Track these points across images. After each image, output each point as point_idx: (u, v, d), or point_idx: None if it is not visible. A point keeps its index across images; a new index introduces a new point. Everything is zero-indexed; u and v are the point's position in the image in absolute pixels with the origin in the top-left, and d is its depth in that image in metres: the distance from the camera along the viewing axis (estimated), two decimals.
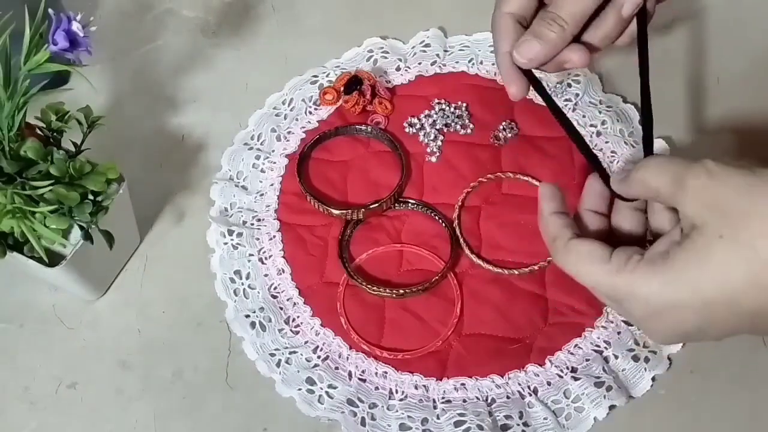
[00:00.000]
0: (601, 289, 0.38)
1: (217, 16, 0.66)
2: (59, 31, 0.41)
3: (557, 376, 0.47)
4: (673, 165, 0.36)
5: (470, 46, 0.62)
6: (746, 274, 0.33)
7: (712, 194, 0.34)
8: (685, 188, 0.35)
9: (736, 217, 0.33)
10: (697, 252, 0.34)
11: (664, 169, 0.36)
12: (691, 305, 0.34)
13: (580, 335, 0.49)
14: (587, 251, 0.38)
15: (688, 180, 0.35)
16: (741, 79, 0.61)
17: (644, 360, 0.47)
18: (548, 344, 0.48)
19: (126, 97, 0.61)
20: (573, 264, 0.39)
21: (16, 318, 0.51)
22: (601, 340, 0.48)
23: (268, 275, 0.51)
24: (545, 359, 0.48)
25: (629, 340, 0.48)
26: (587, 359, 0.47)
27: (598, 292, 0.39)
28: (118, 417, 0.47)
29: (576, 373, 0.47)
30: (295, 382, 0.47)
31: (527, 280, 0.50)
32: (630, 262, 0.36)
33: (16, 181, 0.41)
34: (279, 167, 0.56)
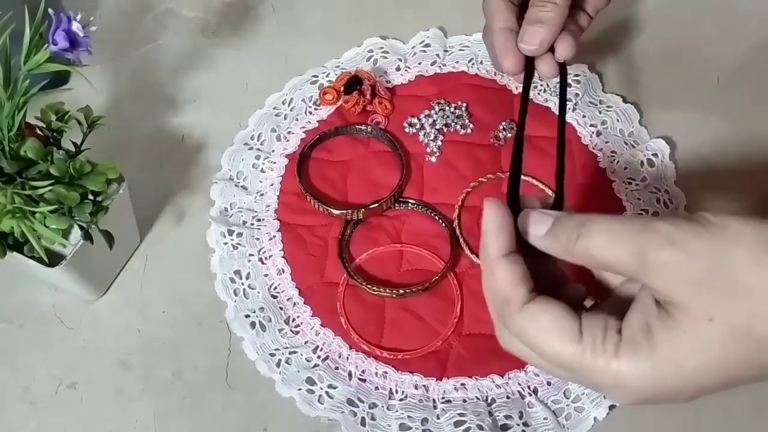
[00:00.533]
0: (568, 371, 0.32)
1: (217, 16, 0.66)
2: (59, 31, 0.40)
3: None
4: (627, 237, 0.30)
5: (470, 46, 0.62)
6: (742, 356, 0.29)
7: (683, 270, 0.29)
8: (650, 264, 0.29)
9: (721, 297, 0.29)
10: (686, 334, 0.29)
11: (617, 242, 0.30)
12: (687, 391, 0.30)
13: None
14: (552, 323, 0.31)
15: (651, 255, 0.29)
16: (741, 78, 0.61)
17: None
18: None
19: (126, 97, 0.61)
20: (533, 336, 0.32)
21: (16, 318, 0.51)
22: None
23: (268, 275, 0.51)
24: None
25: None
26: None
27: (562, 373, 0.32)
28: (118, 417, 0.47)
29: None
30: (295, 382, 0.47)
31: None
32: (607, 342, 0.30)
33: (16, 181, 0.41)
34: (279, 167, 0.56)
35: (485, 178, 0.55)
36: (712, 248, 0.29)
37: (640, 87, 0.60)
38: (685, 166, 0.56)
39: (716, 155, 0.57)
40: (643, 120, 0.58)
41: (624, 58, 0.62)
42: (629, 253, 0.30)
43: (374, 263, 0.52)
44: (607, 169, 0.55)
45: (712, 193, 0.55)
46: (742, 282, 0.28)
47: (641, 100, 0.60)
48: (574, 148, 0.57)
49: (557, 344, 0.31)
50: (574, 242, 0.31)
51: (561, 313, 0.31)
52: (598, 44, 0.63)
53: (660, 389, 0.30)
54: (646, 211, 0.53)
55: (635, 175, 0.55)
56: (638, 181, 0.55)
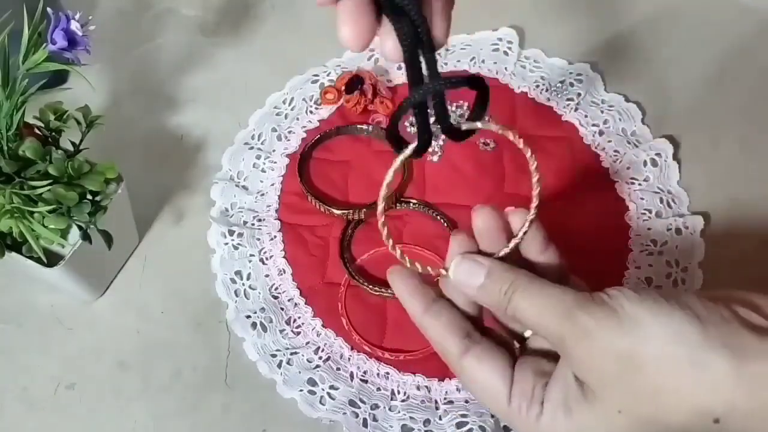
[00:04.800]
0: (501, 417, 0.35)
1: (216, 15, 0.65)
2: (58, 30, 0.40)
3: None
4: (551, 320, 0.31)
5: (472, 44, 0.62)
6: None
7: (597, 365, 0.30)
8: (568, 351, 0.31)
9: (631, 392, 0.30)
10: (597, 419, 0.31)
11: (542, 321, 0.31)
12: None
13: None
14: (483, 382, 0.33)
15: (569, 342, 0.30)
16: (744, 76, 0.61)
17: None
18: None
19: (125, 97, 0.60)
20: (470, 388, 0.34)
21: (14, 318, 0.50)
22: None
23: (269, 276, 0.51)
24: None
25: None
26: None
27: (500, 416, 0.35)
28: (117, 418, 0.47)
29: None
30: (297, 383, 0.47)
31: None
32: (531, 410, 0.32)
33: (15, 180, 0.41)
34: (280, 167, 0.56)
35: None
36: (624, 345, 0.29)
37: (642, 86, 0.60)
38: (689, 165, 0.56)
39: (720, 154, 0.57)
40: (646, 119, 0.58)
41: (626, 57, 0.62)
42: (552, 334, 0.31)
43: (376, 263, 0.52)
44: (609, 169, 0.55)
45: (715, 192, 0.55)
46: (653, 382, 0.29)
47: (643, 99, 0.59)
48: (576, 148, 0.56)
49: (489, 401, 0.33)
50: (506, 305, 0.32)
51: (493, 375, 0.33)
52: (599, 44, 0.63)
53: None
54: (650, 211, 0.53)
55: (638, 174, 0.55)
56: (641, 181, 0.54)
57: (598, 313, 0.30)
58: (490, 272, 0.33)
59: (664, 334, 0.29)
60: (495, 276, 0.33)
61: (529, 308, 0.32)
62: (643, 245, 0.52)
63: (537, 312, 0.31)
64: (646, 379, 0.29)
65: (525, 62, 0.61)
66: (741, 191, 0.55)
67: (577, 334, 0.30)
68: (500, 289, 0.32)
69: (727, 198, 0.54)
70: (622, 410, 0.30)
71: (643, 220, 0.53)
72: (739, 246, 0.52)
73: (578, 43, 0.63)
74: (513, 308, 0.32)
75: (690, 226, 0.52)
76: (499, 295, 0.32)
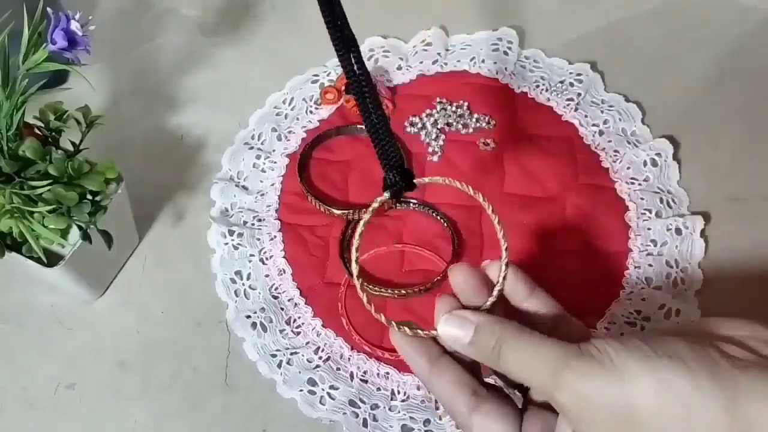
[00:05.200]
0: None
1: (216, 15, 0.65)
2: (58, 30, 0.40)
3: None
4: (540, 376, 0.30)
5: (472, 45, 0.62)
6: None
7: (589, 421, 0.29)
8: (561, 406, 0.30)
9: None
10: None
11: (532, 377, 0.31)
12: None
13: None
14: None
15: (560, 399, 0.30)
16: (744, 77, 0.61)
17: None
18: None
19: (125, 97, 0.60)
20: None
21: (14, 318, 0.50)
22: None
23: (269, 276, 0.51)
24: None
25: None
26: None
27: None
28: (117, 418, 0.47)
29: None
30: (297, 383, 0.47)
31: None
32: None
33: (15, 180, 0.41)
34: (280, 167, 0.56)
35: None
36: (617, 400, 0.29)
37: (642, 86, 0.60)
38: (689, 165, 0.56)
39: (720, 154, 0.57)
40: (646, 119, 0.58)
41: (626, 57, 0.62)
42: (541, 390, 0.31)
43: (376, 263, 0.52)
44: (609, 168, 0.55)
45: (715, 193, 0.55)
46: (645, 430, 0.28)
47: (643, 99, 0.59)
48: (577, 148, 0.56)
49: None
50: (496, 360, 0.31)
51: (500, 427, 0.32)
52: (599, 44, 0.63)
53: None
54: (650, 211, 0.53)
55: (638, 174, 0.55)
56: (641, 181, 0.54)
57: (587, 371, 0.29)
58: (478, 327, 0.32)
59: (655, 386, 0.29)
60: (482, 330, 0.32)
61: (517, 363, 0.31)
62: (643, 245, 0.52)
63: (524, 368, 0.31)
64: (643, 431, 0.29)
65: (525, 62, 0.61)
66: (741, 191, 0.55)
67: (569, 395, 0.30)
68: (488, 344, 0.31)
69: (727, 198, 0.54)
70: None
71: (643, 220, 0.53)
72: (739, 246, 0.52)
73: (578, 43, 0.63)
74: (503, 363, 0.31)
75: (690, 226, 0.52)
76: (488, 350, 0.31)
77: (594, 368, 0.29)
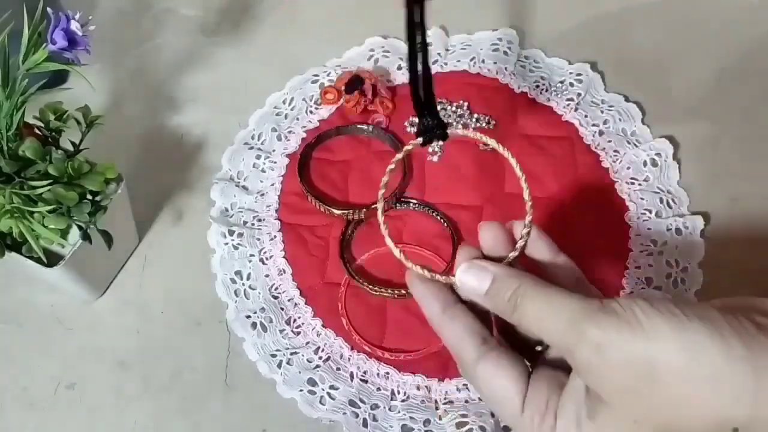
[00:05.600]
0: (512, 426, 0.33)
1: (216, 15, 0.65)
2: (58, 30, 0.40)
3: None
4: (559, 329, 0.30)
5: (471, 45, 0.62)
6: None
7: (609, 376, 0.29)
8: (579, 363, 0.30)
9: (647, 401, 0.29)
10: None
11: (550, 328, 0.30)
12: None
13: None
14: (497, 390, 0.32)
15: (578, 355, 0.29)
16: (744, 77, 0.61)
17: None
18: None
19: (125, 97, 0.60)
20: (483, 394, 0.33)
21: (14, 318, 0.50)
22: None
23: (269, 276, 0.51)
24: None
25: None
26: None
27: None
28: (117, 418, 0.47)
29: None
30: (297, 383, 0.47)
31: None
32: (545, 421, 0.31)
33: (15, 180, 0.41)
34: (280, 167, 0.56)
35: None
36: (638, 355, 0.28)
37: (642, 86, 0.60)
38: (689, 165, 0.56)
39: (720, 154, 0.57)
40: (646, 119, 0.58)
41: (626, 57, 0.62)
42: (557, 344, 0.30)
43: (376, 263, 0.52)
44: (609, 168, 0.55)
45: (715, 193, 0.55)
46: (670, 391, 0.28)
47: (643, 99, 0.59)
48: (576, 148, 0.56)
49: (500, 409, 0.32)
50: (511, 311, 0.31)
51: (508, 384, 0.32)
52: (599, 44, 0.63)
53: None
54: (650, 211, 0.53)
55: (638, 174, 0.55)
56: (641, 181, 0.54)
57: (608, 325, 0.29)
58: (496, 277, 0.32)
59: (683, 346, 0.28)
60: (500, 281, 0.32)
61: (534, 314, 0.30)
62: (643, 245, 0.52)
63: (541, 319, 0.30)
64: (664, 389, 0.28)
65: (525, 62, 0.61)
66: (741, 191, 0.55)
67: (587, 347, 0.29)
68: (505, 294, 0.31)
69: (727, 198, 0.54)
70: (637, 420, 0.29)
71: (643, 220, 0.53)
72: (739, 246, 0.52)
73: (578, 43, 0.63)
74: (519, 315, 0.31)
75: (690, 226, 0.52)
76: (504, 301, 0.31)
77: (616, 322, 0.29)
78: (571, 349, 0.29)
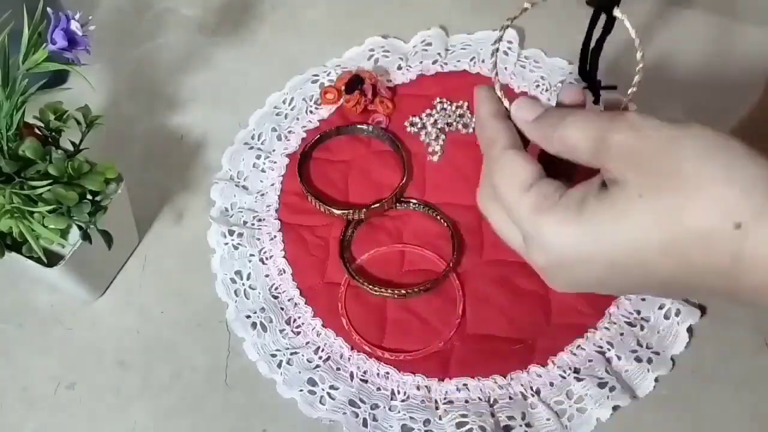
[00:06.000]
0: (512, 215, 0.35)
1: (216, 15, 0.65)
2: (58, 30, 0.40)
3: (560, 376, 0.47)
4: (596, 122, 0.33)
5: (472, 44, 0.62)
6: (662, 241, 0.30)
7: (634, 150, 0.31)
8: (607, 146, 0.32)
9: (659, 177, 0.30)
10: (613, 208, 0.31)
11: (587, 129, 0.33)
12: (598, 262, 0.32)
13: (582, 336, 0.48)
14: (511, 171, 0.34)
15: (610, 137, 0.32)
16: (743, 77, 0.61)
17: (647, 361, 0.47)
18: (551, 345, 0.48)
19: (125, 97, 0.60)
20: (497, 176, 0.35)
21: (14, 318, 0.50)
22: (604, 341, 0.48)
23: (269, 276, 0.51)
24: (548, 360, 0.47)
25: (632, 342, 0.48)
26: (590, 360, 0.47)
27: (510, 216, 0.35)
28: (117, 417, 0.47)
29: (579, 373, 0.47)
30: (297, 383, 0.47)
31: (530, 280, 0.50)
32: (547, 201, 0.33)
33: (15, 180, 0.41)
34: (280, 167, 0.56)
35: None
36: (667, 137, 0.31)
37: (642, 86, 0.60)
38: None
39: None
40: None
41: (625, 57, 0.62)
42: (594, 138, 0.32)
43: (376, 263, 0.52)
44: None
45: None
46: (683, 172, 0.30)
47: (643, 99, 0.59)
48: None
49: (508, 188, 0.34)
50: (552, 132, 0.34)
51: (525, 166, 0.34)
52: None
53: (571, 251, 0.32)
54: None
55: None
56: None
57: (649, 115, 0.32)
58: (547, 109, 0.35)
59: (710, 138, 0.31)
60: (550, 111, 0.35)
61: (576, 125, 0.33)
62: None
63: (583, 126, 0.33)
64: (679, 164, 0.30)
65: (525, 62, 0.61)
66: None
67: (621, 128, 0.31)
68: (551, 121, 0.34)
69: None
70: (643, 194, 0.30)
71: None
72: None
73: (578, 43, 0.63)
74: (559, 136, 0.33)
75: None
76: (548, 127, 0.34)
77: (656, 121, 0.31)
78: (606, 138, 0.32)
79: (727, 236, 0.29)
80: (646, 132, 0.31)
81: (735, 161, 0.30)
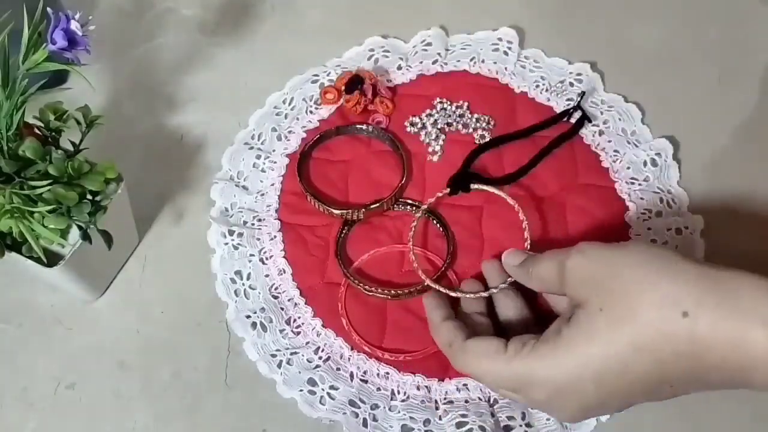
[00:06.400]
0: (503, 383, 0.39)
1: (216, 15, 0.65)
2: (58, 30, 0.40)
3: None
4: (558, 256, 0.40)
5: (472, 44, 0.62)
6: (630, 340, 0.35)
7: (586, 272, 0.38)
8: (565, 273, 0.39)
9: (611, 290, 0.36)
10: (582, 327, 0.36)
11: (551, 262, 0.40)
12: (586, 378, 0.36)
13: None
14: (484, 348, 0.40)
15: (567, 264, 0.39)
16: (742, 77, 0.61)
17: None
18: None
19: (125, 97, 0.60)
20: (472, 364, 0.40)
21: (14, 318, 0.50)
22: None
23: (269, 276, 0.51)
24: None
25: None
26: None
27: (501, 388, 0.40)
28: (117, 418, 0.47)
29: None
30: (297, 383, 0.47)
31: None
32: (526, 347, 0.38)
33: (15, 180, 0.41)
34: (280, 167, 0.56)
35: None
36: (610, 256, 0.38)
37: (642, 86, 0.60)
38: (689, 165, 0.56)
39: (720, 154, 0.57)
40: (646, 119, 0.58)
41: (625, 57, 0.62)
42: (556, 269, 0.40)
43: (376, 264, 0.52)
44: (609, 168, 0.55)
45: (715, 192, 0.55)
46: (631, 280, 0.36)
47: (643, 99, 0.59)
48: (576, 148, 0.56)
49: (488, 361, 0.40)
50: (531, 270, 0.42)
51: (491, 340, 0.40)
52: (599, 44, 0.63)
53: (563, 377, 0.37)
54: (650, 211, 0.53)
55: (638, 174, 0.55)
56: (641, 181, 0.54)
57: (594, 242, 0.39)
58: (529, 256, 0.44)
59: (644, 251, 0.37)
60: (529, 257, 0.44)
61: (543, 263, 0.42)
62: None
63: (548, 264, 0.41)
64: (625, 277, 0.36)
65: (525, 62, 0.61)
66: (741, 191, 0.55)
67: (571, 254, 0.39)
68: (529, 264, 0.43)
69: (727, 198, 0.54)
70: (603, 308, 0.36)
71: (643, 220, 0.53)
72: (739, 246, 0.52)
73: (578, 43, 0.63)
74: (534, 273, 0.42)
75: (690, 226, 0.52)
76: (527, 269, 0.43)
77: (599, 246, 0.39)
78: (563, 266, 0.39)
79: (679, 324, 0.34)
80: (591, 256, 0.38)
81: (671, 265, 0.36)
